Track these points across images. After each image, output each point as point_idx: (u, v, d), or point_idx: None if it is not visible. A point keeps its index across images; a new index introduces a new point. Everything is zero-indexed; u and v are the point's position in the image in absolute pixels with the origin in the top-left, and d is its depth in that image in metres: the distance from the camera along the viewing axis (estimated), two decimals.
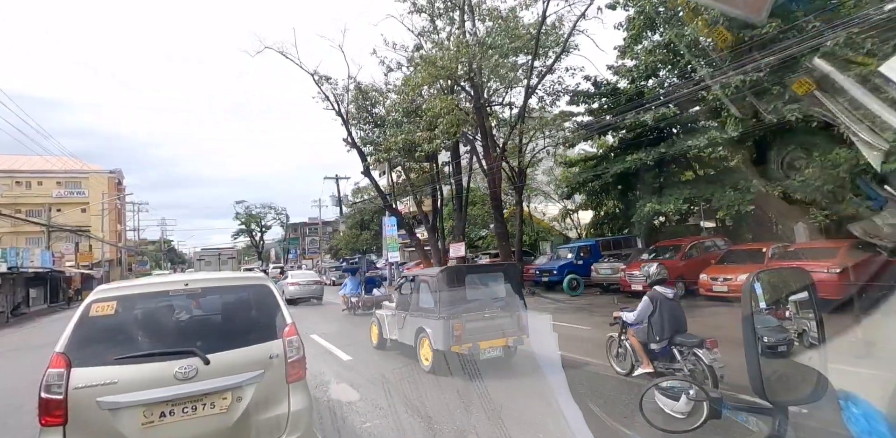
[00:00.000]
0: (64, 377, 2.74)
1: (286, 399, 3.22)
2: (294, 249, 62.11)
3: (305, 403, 3.31)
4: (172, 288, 3.32)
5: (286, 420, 3.17)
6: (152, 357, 2.96)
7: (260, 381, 3.11)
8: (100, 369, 2.84)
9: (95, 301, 3.07)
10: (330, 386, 6.20)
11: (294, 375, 3.29)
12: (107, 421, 2.76)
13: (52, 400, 2.71)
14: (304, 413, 3.27)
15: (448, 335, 6.08)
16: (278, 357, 3.24)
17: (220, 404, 3.00)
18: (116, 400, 2.76)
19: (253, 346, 3.23)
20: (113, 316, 3.05)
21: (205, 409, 2.96)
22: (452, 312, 6.19)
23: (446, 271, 6.80)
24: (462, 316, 6.18)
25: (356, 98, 19.79)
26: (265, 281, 3.72)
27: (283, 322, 3.40)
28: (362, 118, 19.95)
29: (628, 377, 5.83)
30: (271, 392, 3.18)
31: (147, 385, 2.86)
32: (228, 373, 3.04)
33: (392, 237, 25.67)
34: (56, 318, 21.49)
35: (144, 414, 2.83)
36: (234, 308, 3.59)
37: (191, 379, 2.93)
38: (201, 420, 2.95)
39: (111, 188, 54.08)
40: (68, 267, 34.36)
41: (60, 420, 2.71)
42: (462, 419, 4.61)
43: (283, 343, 3.30)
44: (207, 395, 2.97)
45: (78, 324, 2.95)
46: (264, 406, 3.12)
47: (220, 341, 3.19)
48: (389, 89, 19.93)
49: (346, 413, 5.05)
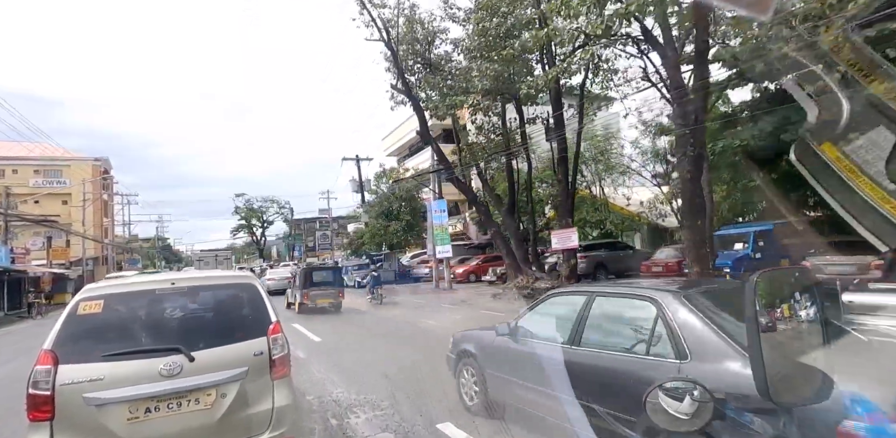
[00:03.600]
0: (51, 373, 2.82)
1: (270, 396, 3.29)
2: (299, 246, 56.09)
3: (290, 399, 3.41)
4: (159, 286, 3.38)
5: (271, 416, 3.24)
6: (138, 354, 3.03)
7: (244, 378, 3.19)
8: (86, 366, 2.90)
9: (83, 299, 3.17)
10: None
11: (278, 372, 3.37)
12: (93, 417, 2.83)
13: (39, 396, 2.80)
14: (289, 409, 3.37)
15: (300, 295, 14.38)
16: (263, 354, 3.32)
17: (204, 400, 3.07)
18: (102, 396, 2.84)
19: (238, 344, 3.30)
20: (100, 313, 3.12)
21: (189, 405, 3.04)
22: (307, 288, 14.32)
23: (304, 269, 16.13)
24: (312, 288, 14.37)
25: (410, 30, 14.10)
26: (251, 279, 3.84)
27: (269, 320, 3.47)
28: (417, 53, 14.18)
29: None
30: (256, 388, 3.25)
31: (132, 381, 2.92)
32: (213, 370, 3.10)
33: (441, 226, 19.90)
34: (6, 332, 15.99)
35: (130, 410, 2.90)
36: (221, 306, 3.64)
37: (175, 376, 2.99)
38: (186, 415, 3.02)
39: (96, 177, 48.02)
40: (36, 265, 28.73)
41: (48, 416, 2.80)
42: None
43: (267, 340, 3.37)
44: (192, 392, 3.03)
45: (66, 322, 3.04)
46: (249, 403, 3.20)
47: (205, 338, 3.24)
48: (452, 15, 14.22)
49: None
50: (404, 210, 27.41)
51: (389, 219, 27.50)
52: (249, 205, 62.40)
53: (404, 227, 26.85)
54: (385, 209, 27.55)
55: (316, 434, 4.37)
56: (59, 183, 48.64)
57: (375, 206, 27.99)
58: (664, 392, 1.45)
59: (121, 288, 3.37)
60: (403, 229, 26.79)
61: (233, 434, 3.12)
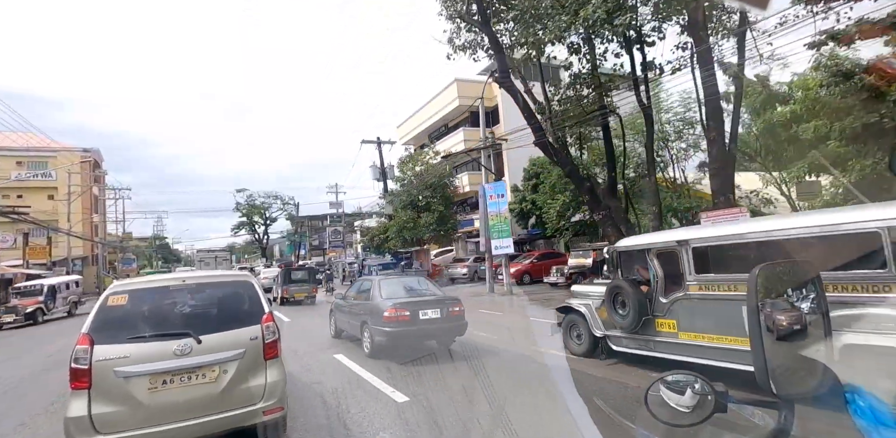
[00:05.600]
0: (88, 352, 3.52)
1: (264, 373, 3.93)
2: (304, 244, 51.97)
3: (280, 376, 4.02)
4: (173, 283, 4.13)
5: (263, 390, 3.88)
6: (156, 337, 3.74)
7: (242, 358, 3.84)
8: (116, 346, 3.60)
9: (112, 294, 3.93)
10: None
11: (270, 353, 4.00)
12: (122, 387, 3.51)
13: (79, 370, 3.49)
14: (279, 384, 3.98)
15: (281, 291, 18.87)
16: (257, 338, 3.96)
17: (209, 375, 3.73)
18: (129, 370, 3.52)
19: (237, 330, 3.95)
20: (125, 305, 3.86)
21: (197, 379, 3.70)
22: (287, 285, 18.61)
23: (283, 269, 21.28)
24: (291, 285, 18.47)
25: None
26: (249, 278, 4.57)
27: (262, 311, 4.13)
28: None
29: None
30: (251, 366, 3.89)
31: (152, 358, 3.61)
32: (216, 351, 3.77)
33: (499, 215, 15.91)
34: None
35: (150, 382, 3.57)
36: (223, 299, 4.25)
37: (186, 355, 3.67)
38: (195, 387, 3.69)
39: (85, 170, 43.92)
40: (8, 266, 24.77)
41: (86, 385, 3.47)
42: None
43: (261, 328, 4.02)
44: (199, 368, 3.70)
45: (98, 311, 3.78)
46: (246, 378, 3.85)
47: (210, 325, 3.92)
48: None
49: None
50: (435, 200, 23.40)
51: (419, 209, 23.46)
52: (251, 200, 58.20)
53: (437, 220, 22.82)
54: (413, 198, 23.52)
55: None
56: (45, 176, 44.58)
57: (402, 195, 23.87)
58: (665, 385, 1.45)
59: (141, 284, 4.15)
60: (436, 222, 22.75)
61: (233, 402, 3.77)
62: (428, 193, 23.26)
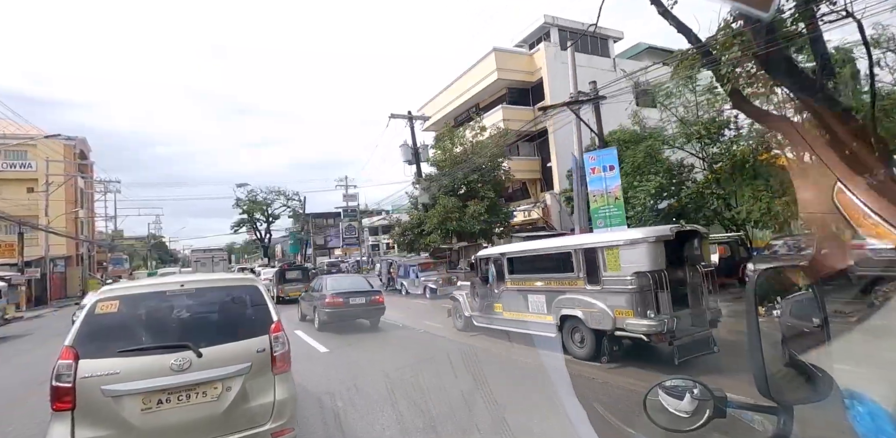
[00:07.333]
0: (72, 367, 3.00)
1: (272, 390, 3.48)
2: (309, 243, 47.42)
3: (290, 393, 3.58)
4: (170, 288, 3.60)
5: (272, 409, 3.43)
6: (151, 350, 3.24)
7: (247, 373, 3.38)
8: (104, 361, 3.08)
9: (101, 300, 3.36)
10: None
11: (279, 368, 3.56)
12: (110, 407, 3.01)
13: (61, 388, 2.98)
14: (289, 402, 3.54)
15: (277, 290, 18.52)
16: (265, 351, 3.52)
17: (211, 393, 3.26)
18: (118, 389, 3.02)
19: (242, 341, 3.49)
20: (116, 313, 3.33)
21: (197, 397, 3.23)
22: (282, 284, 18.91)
23: (278, 270, 20.70)
24: (286, 284, 18.81)
25: None
26: (254, 282, 4.02)
27: (270, 319, 3.69)
28: None
29: None
30: (258, 382, 3.44)
31: (146, 375, 3.11)
32: (219, 365, 3.29)
33: (607, 194, 11.61)
34: None
35: (143, 401, 3.08)
36: (226, 306, 3.77)
37: (185, 371, 3.19)
38: (194, 407, 3.21)
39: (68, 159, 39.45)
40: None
41: (69, 406, 2.97)
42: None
43: (269, 338, 3.57)
44: (200, 385, 3.23)
45: (85, 321, 3.25)
46: (251, 396, 3.38)
47: (212, 336, 3.44)
48: None
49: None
50: (485, 186, 18.97)
51: (463, 197, 19.04)
52: (252, 196, 53.66)
53: (487, 209, 18.41)
54: (457, 183, 19.09)
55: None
56: (25, 166, 40.15)
57: (442, 179, 19.37)
58: (664, 390, 1.44)
59: (134, 289, 3.63)
60: (487, 211, 18.33)
61: (237, 424, 3.29)
62: (475, 176, 18.86)
